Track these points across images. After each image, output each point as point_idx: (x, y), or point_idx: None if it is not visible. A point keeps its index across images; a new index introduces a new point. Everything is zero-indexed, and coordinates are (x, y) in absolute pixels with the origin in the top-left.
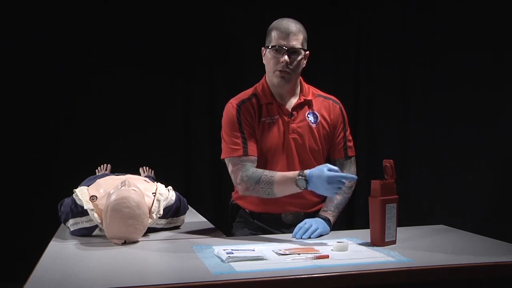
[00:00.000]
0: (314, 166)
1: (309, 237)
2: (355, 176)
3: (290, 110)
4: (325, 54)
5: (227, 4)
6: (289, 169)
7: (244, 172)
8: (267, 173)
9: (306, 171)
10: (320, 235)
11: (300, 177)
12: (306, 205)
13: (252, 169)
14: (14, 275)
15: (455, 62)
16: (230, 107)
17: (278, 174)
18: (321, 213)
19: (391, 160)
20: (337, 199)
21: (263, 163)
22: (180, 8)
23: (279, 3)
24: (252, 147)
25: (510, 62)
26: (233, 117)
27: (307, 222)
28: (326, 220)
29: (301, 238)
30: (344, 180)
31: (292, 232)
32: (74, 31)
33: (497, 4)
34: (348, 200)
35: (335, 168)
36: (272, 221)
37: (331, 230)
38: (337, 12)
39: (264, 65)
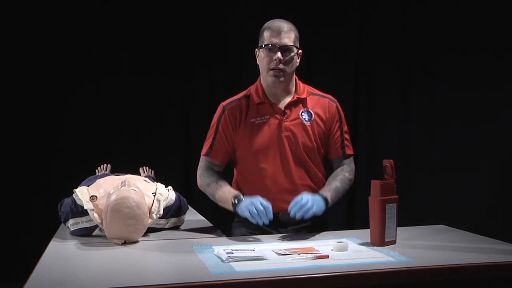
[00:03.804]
0: (309, 164)
1: (302, 218)
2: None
3: (283, 108)
4: (325, 54)
5: (227, 4)
6: (283, 167)
7: (204, 171)
8: (217, 184)
9: (242, 197)
10: (314, 216)
11: (235, 199)
12: None
13: (210, 172)
14: (14, 275)
15: (455, 62)
16: (218, 108)
17: (221, 191)
18: (320, 192)
19: (391, 160)
20: (336, 185)
21: (256, 163)
22: (180, 8)
23: (279, 3)
24: (216, 152)
25: (510, 62)
26: (216, 118)
27: (304, 197)
28: (324, 198)
29: (295, 215)
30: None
31: (289, 232)
32: (74, 31)
33: (497, 4)
34: (345, 191)
35: (266, 203)
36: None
37: (326, 209)
38: (337, 12)
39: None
